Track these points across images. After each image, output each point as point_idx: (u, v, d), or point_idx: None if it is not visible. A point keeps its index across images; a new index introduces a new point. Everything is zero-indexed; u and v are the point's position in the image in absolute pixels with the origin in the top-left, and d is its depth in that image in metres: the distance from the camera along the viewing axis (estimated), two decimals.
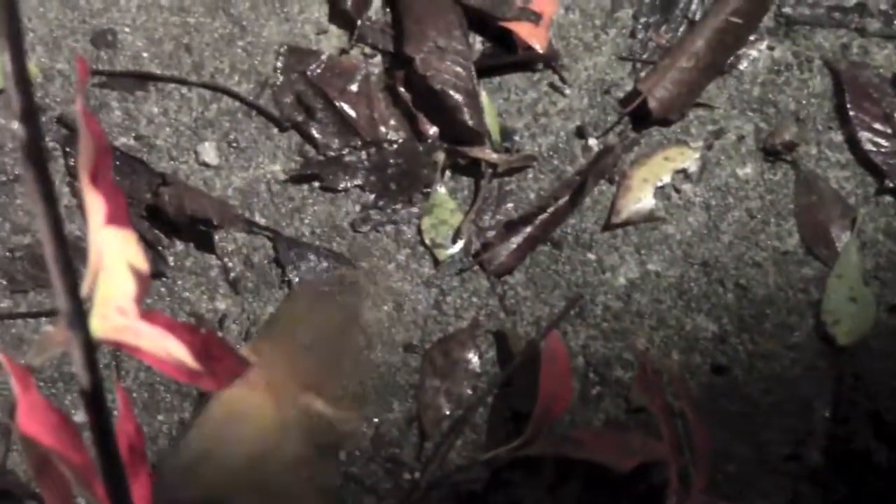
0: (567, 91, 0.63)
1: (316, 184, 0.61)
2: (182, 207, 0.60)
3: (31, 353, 0.35)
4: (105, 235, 0.33)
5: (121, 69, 0.61)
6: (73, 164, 0.60)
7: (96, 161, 0.36)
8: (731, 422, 0.59)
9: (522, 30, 0.62)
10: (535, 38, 0.61)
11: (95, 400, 0.30)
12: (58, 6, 0.62)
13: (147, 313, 0.32)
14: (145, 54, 0.62)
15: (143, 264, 0.32)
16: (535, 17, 0.62)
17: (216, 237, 0.60)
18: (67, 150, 0.60)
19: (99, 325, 0.30)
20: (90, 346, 0.29)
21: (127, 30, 0.62)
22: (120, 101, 0.61)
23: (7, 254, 0.60)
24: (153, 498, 0.37)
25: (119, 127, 0.61)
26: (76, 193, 0.60)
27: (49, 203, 0.28)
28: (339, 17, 0.63)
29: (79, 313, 0.29)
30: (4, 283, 0.60)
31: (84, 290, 0.30)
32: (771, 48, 0.63)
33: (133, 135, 0.61)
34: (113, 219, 0.33)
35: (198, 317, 0.59)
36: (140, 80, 0.61)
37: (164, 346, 0.32)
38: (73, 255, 0.28)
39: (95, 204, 0.33)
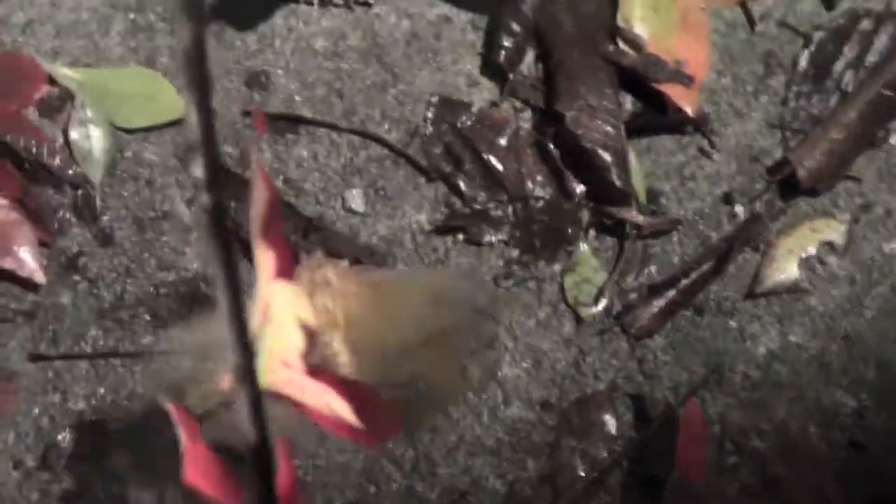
0: (715, 156, 0.73)
1: (460, 236, 0.71)
2: (328, 252, 0.70)
3: (191, 399, 0.44)
4: (274, 289, 0.40)
5: (273, 111, 0.72)
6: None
7: (268, 215, 0.44)
8: (867, 499, 0.68)
9: (674, 92, 0.71)
10: (686, 101, 0.71)
11: (263, 455, 0.34)
12: (214, 45, 0.72)
13: (311, 368, 0.39)
14: (297, 98, 0.72)
15: (313, 320, 0.39)
16: (688, 81, 0.71)
17: None
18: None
19: (264, 378, 0.34)
20: (260, 402, 0.33)
21: (280, 72, 0.72)
22: (270, 144, 0.72)
23: (152, 289, 0.70)
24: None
25: (268, 169, 0.71)
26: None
27: (230, 269, 0.31)
28: (491, 69, 0.73)
29: (250, 369, 0.32)
30: (148, 318, 0.70)
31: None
32: None
33: (282, 178, 0.71)
34: (282, 272, 0.41)
35: None
36: (291, 123, 0.72)
37: (327, 402, 0.40)
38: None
39: (265, 257, 0.40)
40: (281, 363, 0.36)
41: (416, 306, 0.61)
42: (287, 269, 0.41)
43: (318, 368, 0.37)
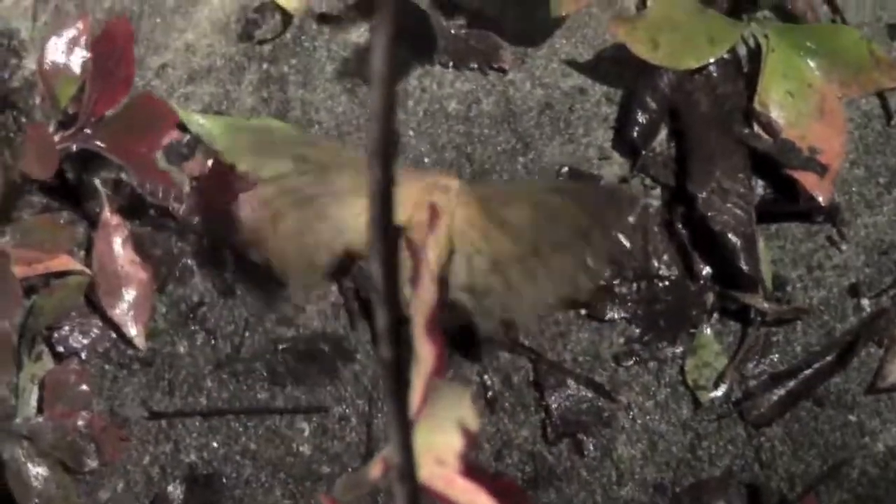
0: (844, 247, 0.84)
1: (583, 311, 0.82)
2: (452, 321, 0.81)
3: (338, 489, 0.55)
4: (436, 386, 0.48)
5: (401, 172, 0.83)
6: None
7: (432, 313, 0.53)
8: None
9: (807, 180, 0.83)
10: (818, 189, 0.82)
11: None
12: (346, 101, 0.84)
13: (466, 468, 0.47)
14: (427, 159, 0.84)
15: (475, 423, 0.47)
16: (821, 169, 0.83)
17: (481, 352, 0.81)
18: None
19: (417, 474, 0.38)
20: (416, 500, 0.36)
21: (412, 133, 0.84)
22: None
23: (270, 345, 0.82)
24: None
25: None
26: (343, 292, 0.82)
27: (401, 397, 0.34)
28: (623, 144, 0.84)
29: (410, 468, 0.35)
30: (265, 373, 0.82)
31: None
32: None
33: None
34: (439, 370, 0.49)
35: None
36: None
37: (477, 502, 0.48)
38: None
39: (425, 352, 0.49)
40: (434, 460, 0.42)
41: (528, 217, 0.72)
42: (443, 367, 0.49)
43: (471, 467, 0.46)
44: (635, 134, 0.84)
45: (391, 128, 0.30)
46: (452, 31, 0.85)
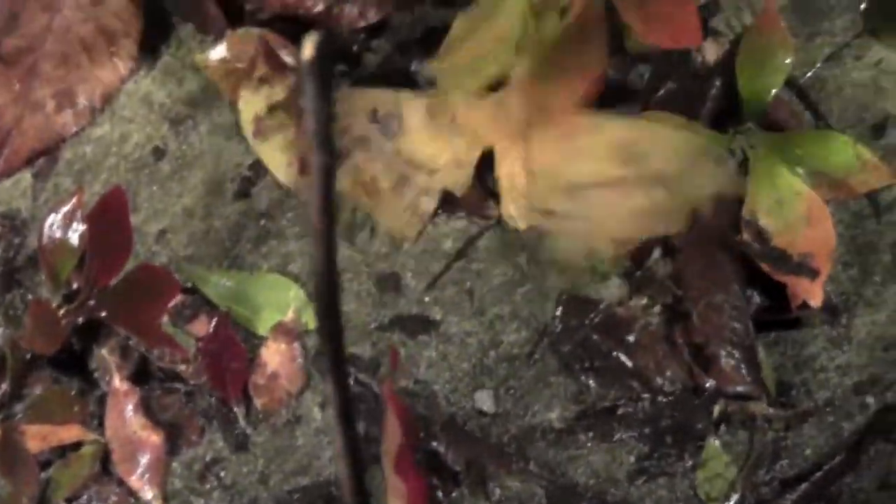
0: (845, 347, 1.16)
1: (591, 433, 1.14)
2: (458, 454, 1.14)
3: None
4: None
5: (403, 313, 1.16)
6: (356, 408, 1.14)
7: (401, 445, 0.79)
8: None
9: (799, 285, 1.15)
10: (810, 294, 1.14)
11: None
12: (344, 248, 1.18)
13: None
14: (427, 298, 1.17)
15: None
16: (812, 274, 1.15)
17: (490, 484, 1.13)
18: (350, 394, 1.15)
19: None
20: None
21: (410, 274, 1.17)
22: (401, 345, 1.16)
23: (287, 495, 1.14)
24: None
25: (399, 370, 1.16)
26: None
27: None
28: (619, 266, 1.17)
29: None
30: None
31: None
32: None
33: (413, 379, 1.16)
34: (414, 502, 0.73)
35: None
36: (422, 324, 1.16)
37: None
38: None
39: (397, 487, 0.73)
40: None
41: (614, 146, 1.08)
42: (421, 500, 0.75)
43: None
44: (629, 255, 1.17)
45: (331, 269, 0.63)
46: None
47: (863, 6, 1.22)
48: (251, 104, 1.17)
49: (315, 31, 0.52)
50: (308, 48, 0.54)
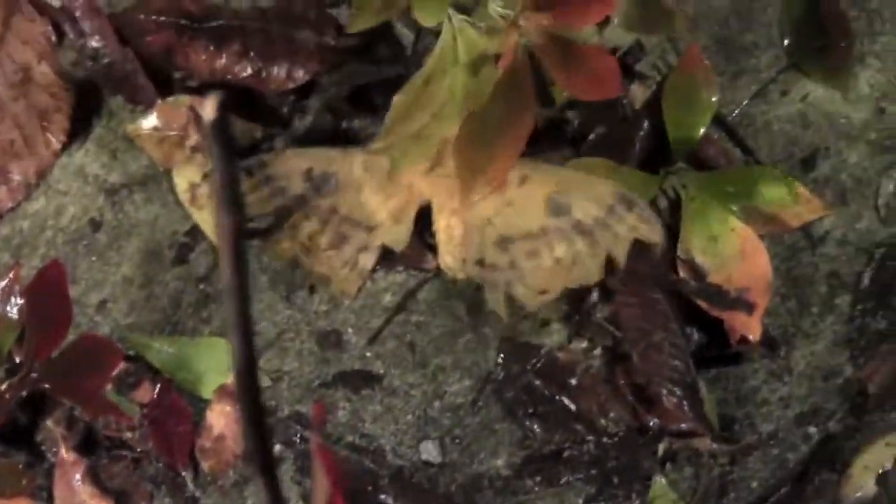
0: (786, 378, 1.24)
1: (538, 478, 1.22)
2: None
3: None
4: None
5: (346, 369, 1.25)
6: (301, 464, 1.22)
7: (330, 498, 0.91)
8: None
9: (737, 321, 1.23)
10: (748, 329, 1.23)
11: None
12: (283, 308, 1.26)
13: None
14: (369, 353, 1.25)
15: None
16: (749, 309, 1.24)
17: None
18: (296, 451, 1.23)
19: None
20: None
21: (351, 330, 1.26)
22: (345, 401, 1.24)
23: None
24: None
25: (344, 426, 1.23)
26: (305, 496, 1.22)
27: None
28: (558, 311, 1.26)
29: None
30: None
31: None
32: None
33: (358, 434, 1.23)
34: None
35: None
36: (365, 378, 1.24)
37: None
38: None
39: None
40: None
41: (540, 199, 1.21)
42: None
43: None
44: (567, 300, 1.25)
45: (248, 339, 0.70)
46: None
47: (786, 41, 1.31)
48: (185, 172, 1.26)
49: (214, 91, 0.56)
50: (209, 109, 0.55)
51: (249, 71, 1.26)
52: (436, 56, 1.16)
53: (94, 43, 1.26)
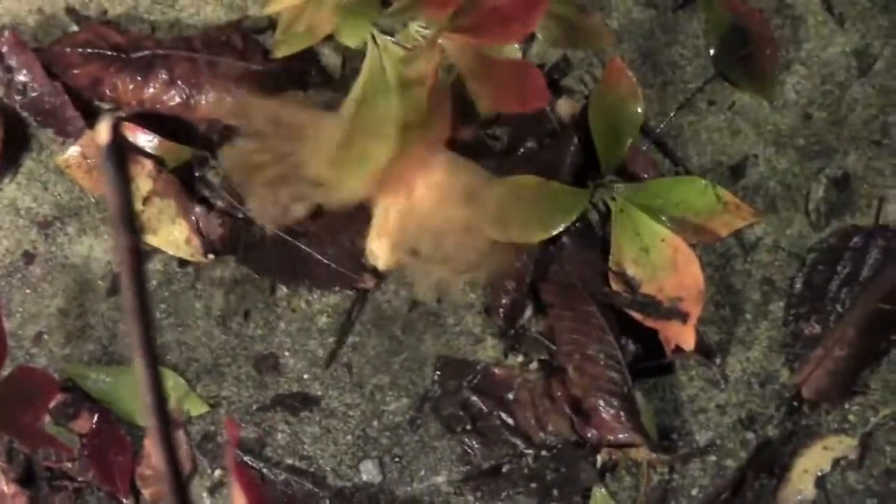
0: (723, 385, 1.26)
1: (479, 493, 1.24)
2: None
3: None
4: None
5: (284, 392, 1.26)
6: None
7: None
8: None
9: (671, 330, 1.25)
10: (682, 338, 1.25)
11: None
12: (219, 334, 1.27)
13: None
14: (306, 375, 1.26)
15: None
16: (683, 318, 1.25)
17: None
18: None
19: None
20: None
21: (287, 353, 1.27)
22: (284, 423, 1.25)
23: None
24: None
25: (284, 449, 1.25)
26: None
27: None
28: (493, 326, 1.27)
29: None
30: None
31: None
32: None
33: (298, 456, 1.25)
34: None
35: None
36: (303, 401, 1.26)
37: None
38: None
39: None
40: None
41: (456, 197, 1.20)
42: None
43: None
44: (501, 316, 1.27)
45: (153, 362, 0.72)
46: (314, 257, 1.28)
47: (712, 51, 1.33)
48: None
49: (106, 114, 0.56)
50: (102, 132, 0.55)
51: (178, 100, 1.27)
52: (365, 77, 1.17)
53: (22, 77, 1.28)
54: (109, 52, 1.29)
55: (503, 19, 1.12)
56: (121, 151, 0.56)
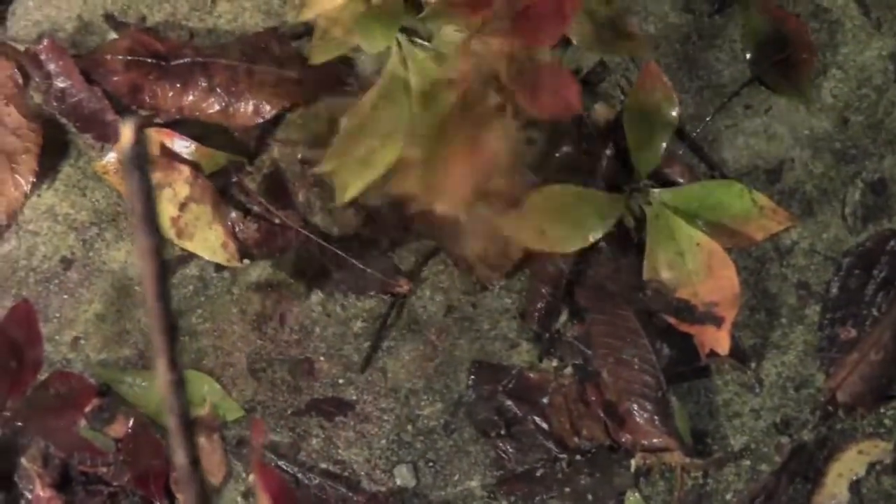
0: (758, 390, 1.26)
1: (513, 498, 1.25)
2: None
3: None
4: None
5: (318, 396, 1.27)
6: None
7: None
8: None
9: (706, 335, 1.26)
10: (717, 342, 1.25)
11: None
12: (254, 339, 1.29)
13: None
14: (341, 380, 1.28)
15: None
16: (718, 322, 1.26)
17: None
18: None
19: None
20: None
21: (323, 358, 1.28)
22: (319, 427, 1.27)
23: None
24: None
25: (318, 453, 1.26)
26: None
27: None
28: (528, 331, 1.28)
29: None
30: None
31: None
32: None
33: (332, 461, 1.26)
34: None
35: None
36: (338, 405, 1.27)
37: None
38: None
39: None
40: None
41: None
42: None
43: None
44: (536, 320, 1.28)
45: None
46: (350, 262, 1.30)
47: (748, 55, 1.34)
48: (162, 207, 1.29)
49: (130, 117, 0.56)
50: (126, 134, 0.56)
51: (217, 108, 1.29)
52: (383, 81, 1.19)
53: (60, 83, 1.30)
54: (149, 60, 1.31)
55: (537, 19, 1.13)
56: (143, 153, 0.57)
